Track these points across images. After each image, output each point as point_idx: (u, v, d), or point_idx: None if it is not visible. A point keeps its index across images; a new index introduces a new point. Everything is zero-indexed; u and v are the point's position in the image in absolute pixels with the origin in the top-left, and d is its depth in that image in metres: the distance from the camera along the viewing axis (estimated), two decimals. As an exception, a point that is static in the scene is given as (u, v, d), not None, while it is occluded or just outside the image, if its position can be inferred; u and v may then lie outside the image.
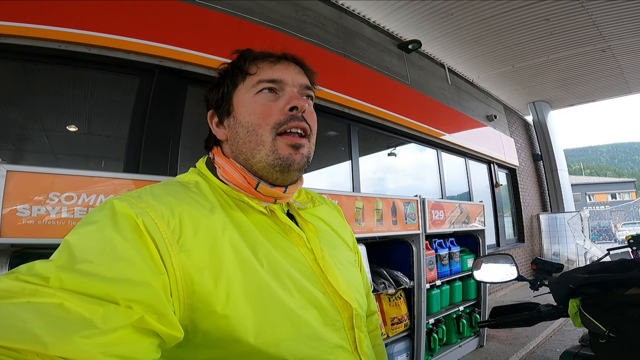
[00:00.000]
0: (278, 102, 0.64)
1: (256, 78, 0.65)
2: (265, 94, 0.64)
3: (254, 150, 0.63)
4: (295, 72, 0.68)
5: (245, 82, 0.66)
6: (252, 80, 0.65)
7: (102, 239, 0.45)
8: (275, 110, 0.63)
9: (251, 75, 0.65)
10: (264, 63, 0.66)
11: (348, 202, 2.26)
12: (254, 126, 0.63)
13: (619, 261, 0.94)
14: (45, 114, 2.92)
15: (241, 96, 0.66)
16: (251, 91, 0.65)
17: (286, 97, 0.64)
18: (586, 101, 8.59)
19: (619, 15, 4.87)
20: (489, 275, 1.33)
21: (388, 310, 2.63)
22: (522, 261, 6.97)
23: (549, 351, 3.61)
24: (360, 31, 4.47)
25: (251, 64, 0.66)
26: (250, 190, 0.63)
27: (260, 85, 0.64)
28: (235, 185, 0.64)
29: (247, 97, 0.65)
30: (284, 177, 0.64)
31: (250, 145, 0.63)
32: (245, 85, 0.66)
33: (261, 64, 0.66)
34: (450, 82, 6.00)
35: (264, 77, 0.65)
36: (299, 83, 0.67)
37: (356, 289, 0.69)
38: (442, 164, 5.41)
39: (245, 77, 0.66)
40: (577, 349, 1.11)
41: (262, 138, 0.62)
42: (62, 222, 1.27)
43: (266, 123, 0.62)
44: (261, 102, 0.64)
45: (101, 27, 2.27)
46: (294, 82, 0.66)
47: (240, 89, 0.66)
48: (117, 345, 0.38)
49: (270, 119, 0.63)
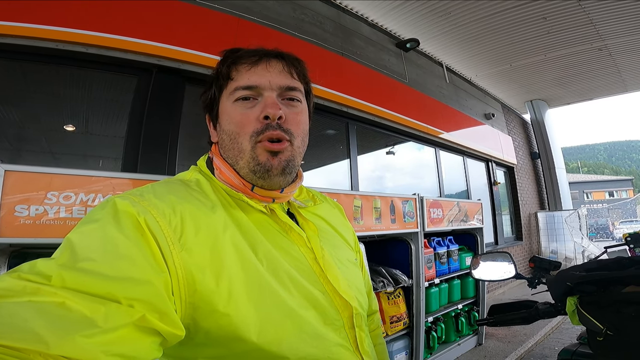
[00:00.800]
0: (254, 109, 0.62)
1: (233, 84, 0.63)
2: (241, 102, 0.62)
3: (237, 157, 0.63)
4: (276, 73, 0.64)
5: (228, 87, 0.64)
6: (231, 87, 0.63)
7: (104, 237, 0.45)
8: (252, 118, 0.61)
9: (231, 80, 0.64)
10: (243, 66, 0.63)
11: (347, 200, 2.26)
12: (234, 134, 0.62)
13: (616, 259, 0.95)
14: (43, 113, 2.90)
15: (223, 103, 0.65)
16: (230, 98, 0.63)
17: (261, 105, 0.62)
18: (583, 99, 8.63)
19: (615, 13, 4.88)
20: (487, 273, 1.34)
21: (387, 308, 2.63)
22: (520, 259, 6.99)
23: (548, 349, 3.62)
24: (358, 30, 4.47)
25: (231, 67, 0.64)
26: (247, 191, 0.63)
27: (236, 93, 0.62)
28: (232, 186, 0.64)
29: (227, 105, 0.64)
30: (266, 182, 0.62)
31: (234, 152, 0.63)
32: (227, 91, 0.64)
33: (240, 67, 0.63)
34: (449, 81, 6.00)
35: (240, 83, 0.62)
36: (279, 85, 0.63)
37: (357, 288, 0.69)
38: (441, 163, 5.42)
39: (227, 82, 0.64)
40: (575, 347, 1.12)
41: (242, 146, 0.61)
42: (61, 221, 1.27)
43: (244, 132, 0.61)
44: (238, 110, 0.62)
45: (99, 27, 2.26)
46: (272, 86, 0.63)
47: (224, 94, 0.65)
48: (119, 344, 0.38)
49: (247, 127, 0.61)
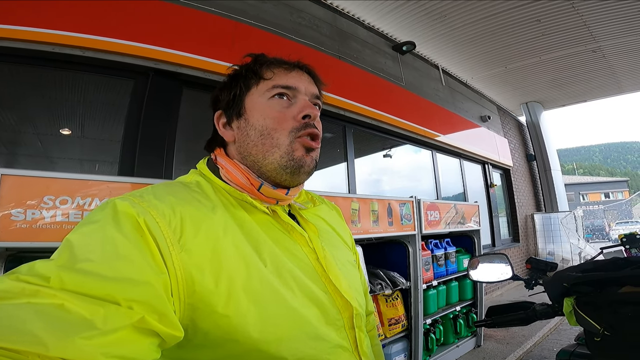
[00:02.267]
0: (291, 108, 0.66)
1: (271, 83, 0.66)
2: (278, 99, 0.66)
3: (267, 152, 0.64)
4: (308, 82, 0.70)
5: (259, 86, 0.67)
6: (267, 85, 0.66)
7: (103, 238, 0.45)
8: (289, 116, 0.65)
9: (266, 80, 0.67)
10: (279, 69, 0.68)
11: (344, 203, 2.26)
12: (268, 130, 0.64)
13: (612, 260, 0.95)
14: (39, 117, 2.89)
15: (254, 100, 0.67)
16: (265, 95, 0.66)
17: (300, 105, 0.66)
18: (578, 101, 8.69)
19: (609, 15, 4.94)
20: (484, 275, 1.34)
21: (385, 311, 2.63)
22: (517, 261, 7.02)
23: (546, 350, 3.63)
24: (354, 33, 4.49)
25: (267, 69, 0.68)
26: (253, 191, 0.64)
27: (274, 90, 0.66)
28: (237, 186, 0.64)
29: (260, 101, 0.66)
30: (292, 178, 0.65)
31: (263, 147, 0.64)
32: (258, 89, 0.67)
33: (276, 70, 0.68)
34: (445, 83, 6.04)
35: (279, 82, 0.66)
36: (311, 92, 0.69)
37: (356, 289, 0.70)
38: (437, 165, 5.44)
39: (259, 81, 0.67)
40: (573, 348, 1.12)
41: (278, 141, 0.64)
42: (57, 225, 1.26)
43: (282, 128, 0.64)
44: (275, 107, 0.65)
45: (95, 30, 2.26)
46: (306, 91, 0.68)
47: (253, 92, 0.67)
48: (118, 346, 0.38)
49: (285, 124, 0.64)
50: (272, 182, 0.66)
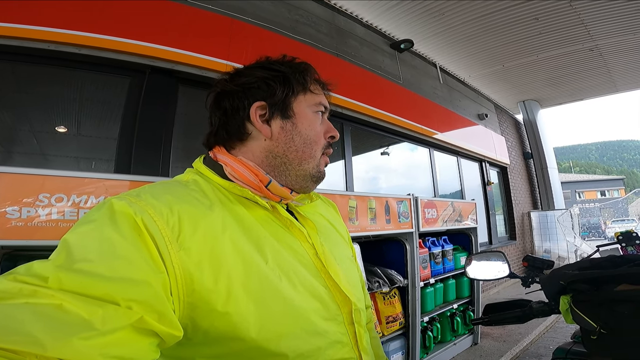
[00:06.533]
0: (322, 126, 0.71)
1: (317, 99, 0.70)
2: (319, 115, 0.71)
3: (303, 160, 0.67)
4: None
5: (307, 97, 0.69)
6: (314, 99, 0.70)
7: (100, 238, 0.45)
8: (322, 134, 0.71)
9: (312, 94, 0.70)
10: (318, 87, 0.72)
11: (342, 201, 2.26)
12: (311, 141, 0.68)
13: (608, 257, 0.95)
14: (35, 114, 2.87)
15: (303, 108, 0.69)
16: (312, 108, 0.70)
17: (328, 125, 0.72)
18: (575, 100, 8.72)
19: (606, 14, 4.94)
20: (481, 272, 1.35)
21: (383, 309, 2.64)
22: (514, 259, 7.04)
23: (542, 348, 3.66)
24: (352, 31, 4.47)
25: (314, 83, 0.71)
26: (260, 187, 0.63)
27: (319, 107, 0.71)
28: (243, 183, 0.63)
29: (308, 112, 0.69)
30: (313, 186, 0.70)
31: (303, 155, 0.67)
32: (306, 100, 0.69)
33: (318, 87, 0.72)
34: (442, 81, 6.04)
35: (324, 102, 0.72)
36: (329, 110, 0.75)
37: (354, 284, 0.70)
38: (435, 163, 5.45)
39: (306, 92, 0.69)
40: (569, 346, 1.12)
41: (315, 153, 0.68)
42: (53, 223, 1.25)
43: (319, 142, 0.69)
44: (317, 122, 0.70)
45: (91, 27, 2.24)
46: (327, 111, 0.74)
47: (300, 99, 0.69)
48: (117, 347, 0.38)
49: (321, 140, 0.70)
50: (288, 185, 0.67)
